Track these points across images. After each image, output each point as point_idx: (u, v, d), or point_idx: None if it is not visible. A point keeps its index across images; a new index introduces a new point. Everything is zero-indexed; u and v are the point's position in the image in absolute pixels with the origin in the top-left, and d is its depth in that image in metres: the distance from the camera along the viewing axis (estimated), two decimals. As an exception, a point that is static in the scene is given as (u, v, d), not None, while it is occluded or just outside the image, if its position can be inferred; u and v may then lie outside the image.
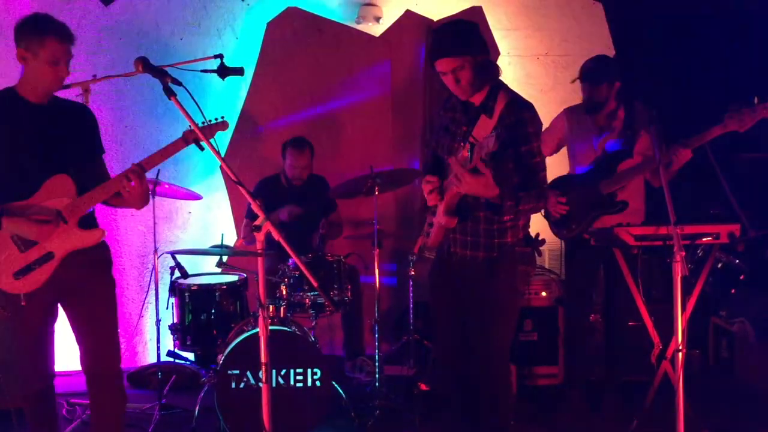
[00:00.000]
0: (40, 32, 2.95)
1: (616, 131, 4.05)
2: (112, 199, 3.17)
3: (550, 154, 4.23)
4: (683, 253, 3.16)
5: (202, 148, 3.07)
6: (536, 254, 3.20)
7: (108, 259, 3.27)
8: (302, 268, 2.53)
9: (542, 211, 4.09)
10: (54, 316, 3.16)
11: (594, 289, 4.35)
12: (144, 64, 2.69)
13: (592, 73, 4.05)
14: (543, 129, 3.15)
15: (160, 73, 2.67)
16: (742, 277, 5.23)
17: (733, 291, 5.21)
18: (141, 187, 3.08)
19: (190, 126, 2.88)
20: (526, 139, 2.97)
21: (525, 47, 5.82)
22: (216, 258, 4.34)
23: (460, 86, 3.00)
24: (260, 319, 2.56)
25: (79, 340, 3.18)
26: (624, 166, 3.98)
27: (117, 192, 3.07)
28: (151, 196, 4.35)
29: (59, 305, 3.17)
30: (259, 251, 2.57)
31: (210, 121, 3.13)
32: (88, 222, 3.15)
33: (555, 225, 4.17)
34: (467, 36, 2.99)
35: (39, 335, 3.12)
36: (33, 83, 3.02)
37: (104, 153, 3.32)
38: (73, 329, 3.19)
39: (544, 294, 4.76)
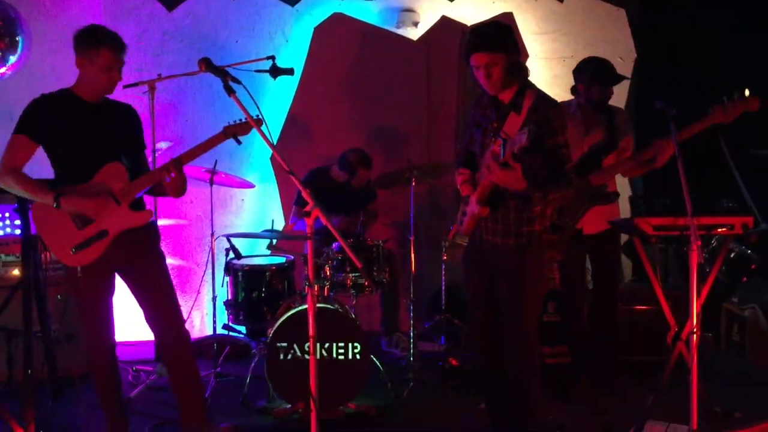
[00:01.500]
0: (96, 43, 3.06)
1: (602, 127, 3.99)
2: (157, 187, 3.26)
3: None
4: (699, 243, 3.12)
5: (239, 142, 3.16)
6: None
7: (157, 235, 3.37)
8: (347, 250, 2.56)
9: None
10: (111, 289, 3.26)
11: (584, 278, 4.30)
12: (207, 64, 2.73)
13: (614, 75, 4.00)
14: None
15: (221, 72, 2.71)
16: (753, 267, 5.15)
17: (744, 279, 5.13)
18: (180, 178, 3.17)
19: (229, 122, 3.10)
20: (554, 134, 2.97)
21: (552, 50, 5.77)
22: (267, 241, 4.39)
23: (491, 81, 3.00)
24: (309, 297, 2.59)
25: (143, 305, 3.27)
26: (609, 160, 3.92)
27: (159, 182, 3.19)
28: (208, 184, 4.43)
29: (118, 277, 3.26)
30: (308, 235, 2.60)
31: (241, 120, 3.19)
32: (139, 204, 3.25)
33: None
34: (502, 35, 3.00)
35: (99, 305, 3.22)
36: (89, 86, 3.13)
37: (146, 148, 3.41)
38: (136, 297, 3.28)
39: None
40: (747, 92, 3.58)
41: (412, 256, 4.49)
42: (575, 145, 3.95)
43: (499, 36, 2.99)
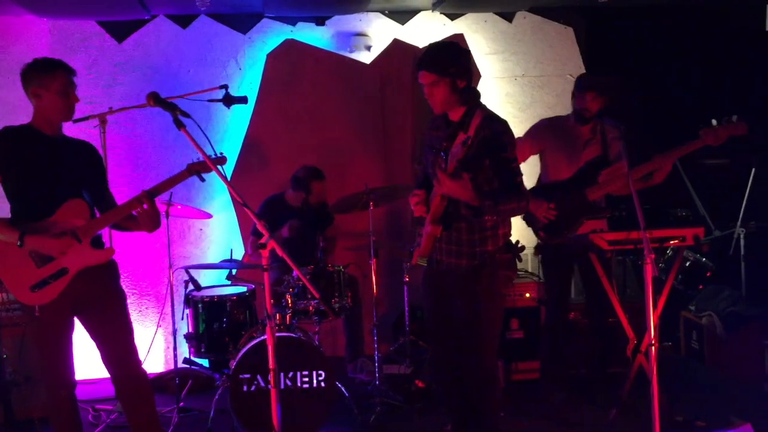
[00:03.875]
0: (49, 68, 3.08)
1: (597, 142, 4.05)
2: (127, 222, 3.25)
3: (524, 161, 4.07)
4: (653, 256, 3.17)
5: (202, 179, 3.14)
6: (517, 260, 3.22)
7: (116, 273, 3.31)
8: (305, 281, 2.56)
9: (525, 218, 4.09)
10: (71, 328, 3.18)
11: (570, 290, 4.35)
12: (155, 99, 2.71)
13: (604, 84, 4.01)
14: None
15: (170, 106, 2.70)
16: (708, 274, 5.26)
17: (701, 287, 5.23)
18: (152, 210, 3.13)
19: (193, 159, 3.04)
20: (504, 148, 3.02)
21: (503, 69, 5.86)
22: (227, 271, 4.36)
23: (433, 100, 3.07)
24: (267, 329, 2.57)
25: (100, 346, 3.21)
26: (605, 175, 3.95)
27: (129, 216, 3.15)
28: (164, 218, 4.38)
29: (75, 318, 3.19)
30: (264, 267, 2.58)
31: (211, 156, 3.15)
32: (98, 242, 3.21)
33: (545, 231, 4.01)
34: (449, 56, 3.05)
35: (58, 345, 3.13)
36: (47, 116, 3.10)
37: (108, 183, 3.37)
38: (93, 338, 3.21)
39: (528, 295, 4.78)
40: (735, 117, 3.67)
41: (374, 278, 4.49)
42: (575, 159, 4.02)
43: (445, 57, 3.04)
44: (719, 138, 3.68)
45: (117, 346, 3.20)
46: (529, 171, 4.24)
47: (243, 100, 4.52)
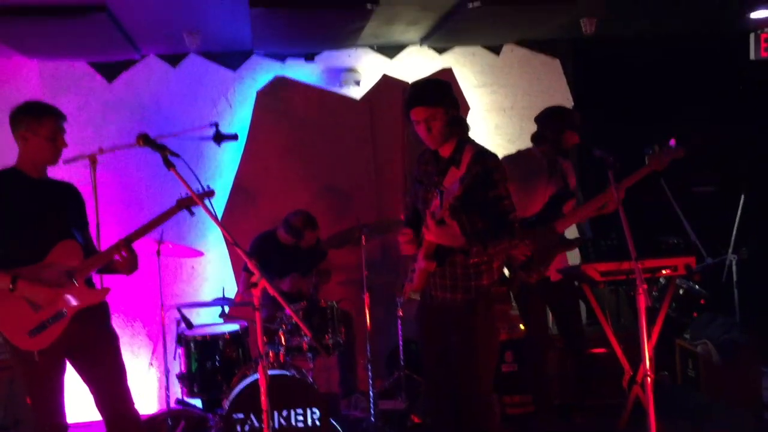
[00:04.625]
0: (38, 113, 3.09)
1: (559, 175, 4.08)
2: (106, 266, 3.23)
3: None
4: (645, 286, 3.17)
5: (192, 213, 3.14)
6: (511, 293, 3.22)
7: (108, 314, 3.30)
8: (296, 320, 2.54)
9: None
10: (63, 370, 3.15)
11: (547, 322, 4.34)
12: (145, 140, 2.72)
13: (580, 123, 4.08)
14: None
15: (159, 147, 2.71)
16: (702, 302, 5.26)
17: (695, 314, 5.22)
18: (130, 256, 3.13)
19: (182, 194, 3.01)
20: (494, 185, 3.01)
21: (492, 102, 5.90)
22: (219, 308, 4.33)
23: (431, 135, 3.04)
24: (260, 370, 2.54)
25: (93, 389, 3.17)
26: (568, 206, 3.99)
27: (109, 261, 3.16)
28: (156, 256, 4.36)
29: (66, 360, 3.15)
30: (255, 306, 2.57)
31: (198, 190, 3.16)
32: (90, 282, 3.19)
33: (523, 269, 3.94)
34: (440, 90, 3.07)
35: (51, 388, 3.10)
36: (33, 159, 3.11)
37: (88, 227, 3.36)
38: (85, 380, 3.17)
39: (522, 327, 4.75)
40: (673, 143, 3.77)
41: (367, 313, 4.47)
42: (542, 193, 4.04)
43: (437, 91, 3.06)
44: (662, 162, 3.79)
45: (110, 388, 3.17)
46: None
47: (233, 137, 4.55)
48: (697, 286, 5.24)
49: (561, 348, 4.49)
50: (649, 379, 3.17)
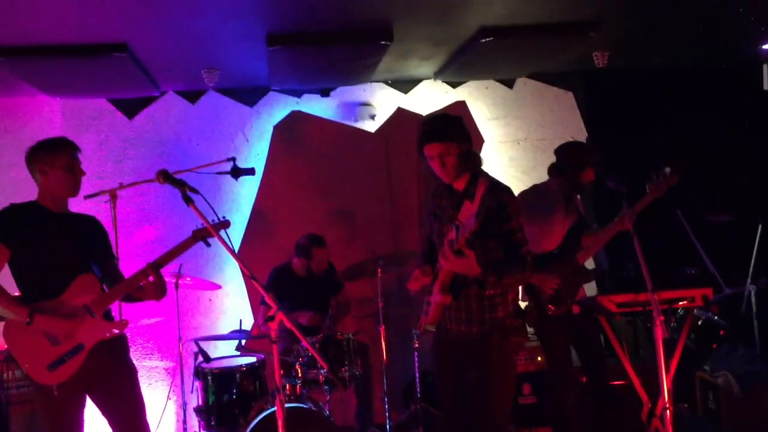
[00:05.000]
0: (54, 146, 3.14)
1: (574, 208, 4.08)
2: (135, 293, 3.23)
3: None
4: (662, 318, 3.16)
5: (208, 244, 3.17)
6: (526, 324, 3.21)
7: (127, 347, 3.30)
8: (313, 353, 2.55)
9: (529, 292, 4.05)
10: (83, 404, 3.15)
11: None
12: (164, 176, 2.76)
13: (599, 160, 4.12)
14: None
15: (179, 183, 2.75)
16: (722, 333, 5.20)
17: (714, 345, 5.16)
18: (159, 280, 3.15)
19: (198, 225, 3.03)
20: (507, 219, 3.03)
21: (506, 134, 5.94)
22: (236, 341, 4.35)
23: (446, 170, 3.08)
24: (277, 403, 2.55)
25: (112, 422, 3.17)
26: (587, 238, 4.02)
27: (138, 287, 3.16)
28: (174, 289, 4.40)
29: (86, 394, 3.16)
30: (273, 339, 2.58)
31: (214, 221, 3.19)
32: (109, 315, 3.21)
33: (552, 302, 3.90)
34: (452, 125, 3.10)
35: (71, 423, 3.10)
36: (53, 192, 3.14)
37: (114, 258, 3.38)
38: (103, 413, 3.18)
39: (539, 359, 4.73)
40: (668, 170, 3.87)
41: (383, 345, 4.47)
42: (560, 226, 4.04)
43: (450, 126, 3.10)
44: (661, 190, 3.89)
45: (129, 421, 3.18)
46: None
47: (250, 171, 4.60)
48: (716, 317, 5.19)
49: (583, 383, 4.45)
50: (668, 411, 3.14)
